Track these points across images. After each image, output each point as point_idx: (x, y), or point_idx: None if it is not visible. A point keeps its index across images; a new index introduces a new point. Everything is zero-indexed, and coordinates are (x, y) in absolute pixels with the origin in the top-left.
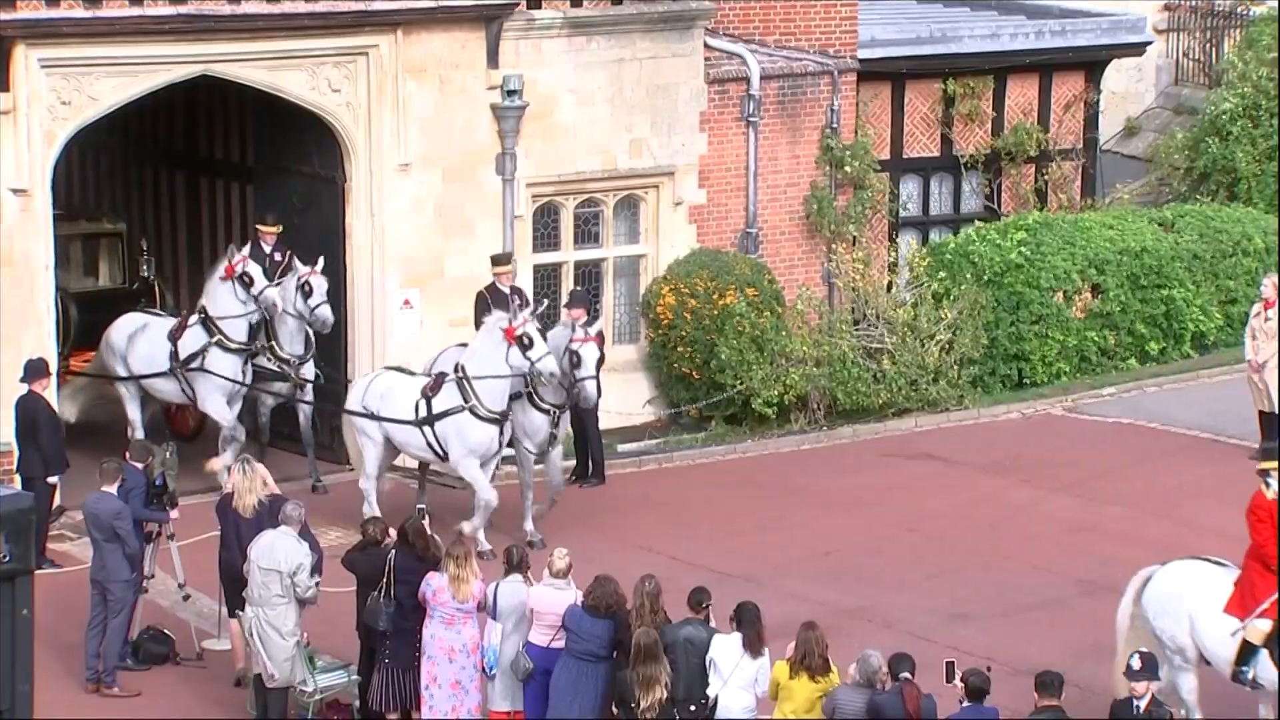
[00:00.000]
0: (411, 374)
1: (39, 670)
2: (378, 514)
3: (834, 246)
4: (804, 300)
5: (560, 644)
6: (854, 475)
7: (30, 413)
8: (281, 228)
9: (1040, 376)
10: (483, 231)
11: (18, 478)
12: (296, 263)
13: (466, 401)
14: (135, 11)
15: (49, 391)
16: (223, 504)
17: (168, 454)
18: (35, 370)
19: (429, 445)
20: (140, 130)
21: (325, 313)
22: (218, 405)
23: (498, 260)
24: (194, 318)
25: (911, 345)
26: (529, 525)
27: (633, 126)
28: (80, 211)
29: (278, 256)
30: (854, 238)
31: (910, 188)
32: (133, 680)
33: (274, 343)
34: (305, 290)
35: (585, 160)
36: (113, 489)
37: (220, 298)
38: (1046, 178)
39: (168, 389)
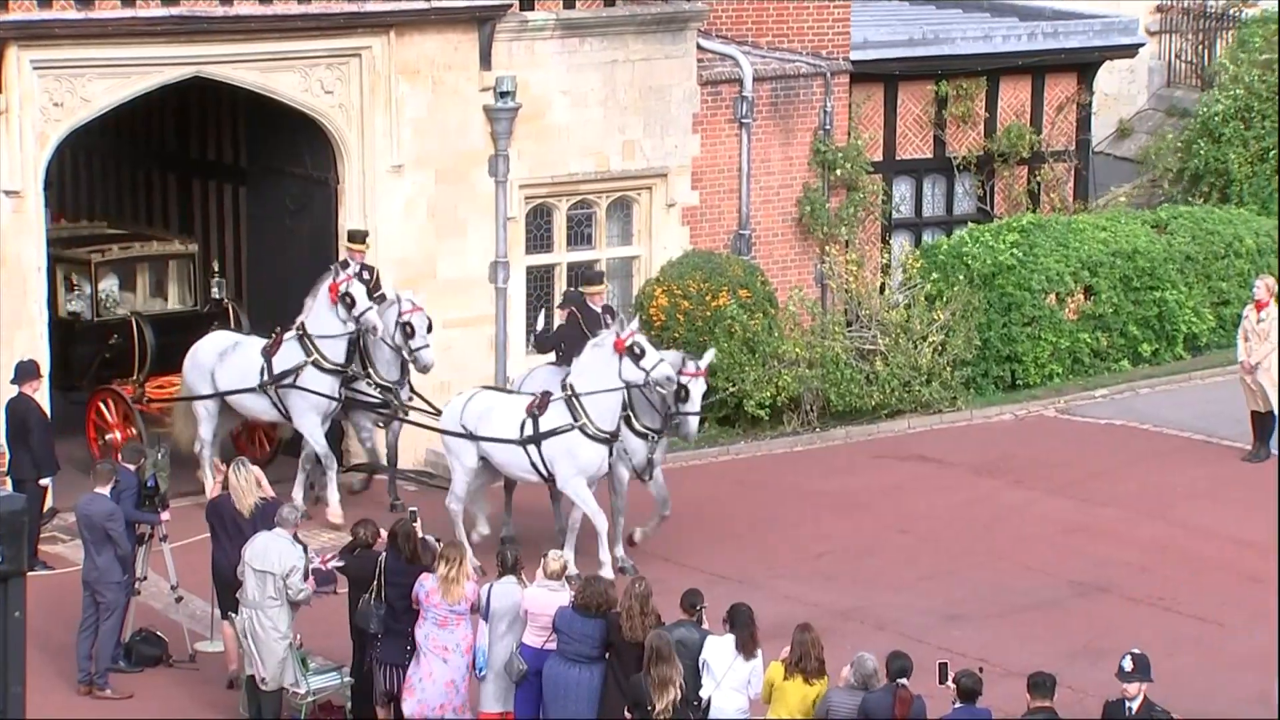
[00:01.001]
0: (509, 392)
1: (31, 672)
2: (464, 540)
3: (827, 248)
4: (796, 302)
5: (553, 645)
6: (847, 477)
7: (21, 415)
8: (369, 246)
9: (1033, 378)
10: (475, 233)
11: (9, 480)
12: (397, 295)
13: (576, 420)
14: (127, 13)
15: (39, 394)
16: (214, 506)
17: (159, 455)
18: (26, 372)
19: (533, 466)
20: (132, 131)
21: (427, 357)
22: (312, 424)
23: (589, 280)
24: (290, 334)
25: (904, 347)
26: (620, 551)
27: (625, 128)
28: (153, 233)
29: (365, 275)
30: (847, 239)
31: (903, 189)
32: (125, 682)
33: (370, 368)
34: (406, 330)
35: (578, 162)
36: (105, 490)
37: (321, 316)
38: (1039, 179)
39: (257, 406)
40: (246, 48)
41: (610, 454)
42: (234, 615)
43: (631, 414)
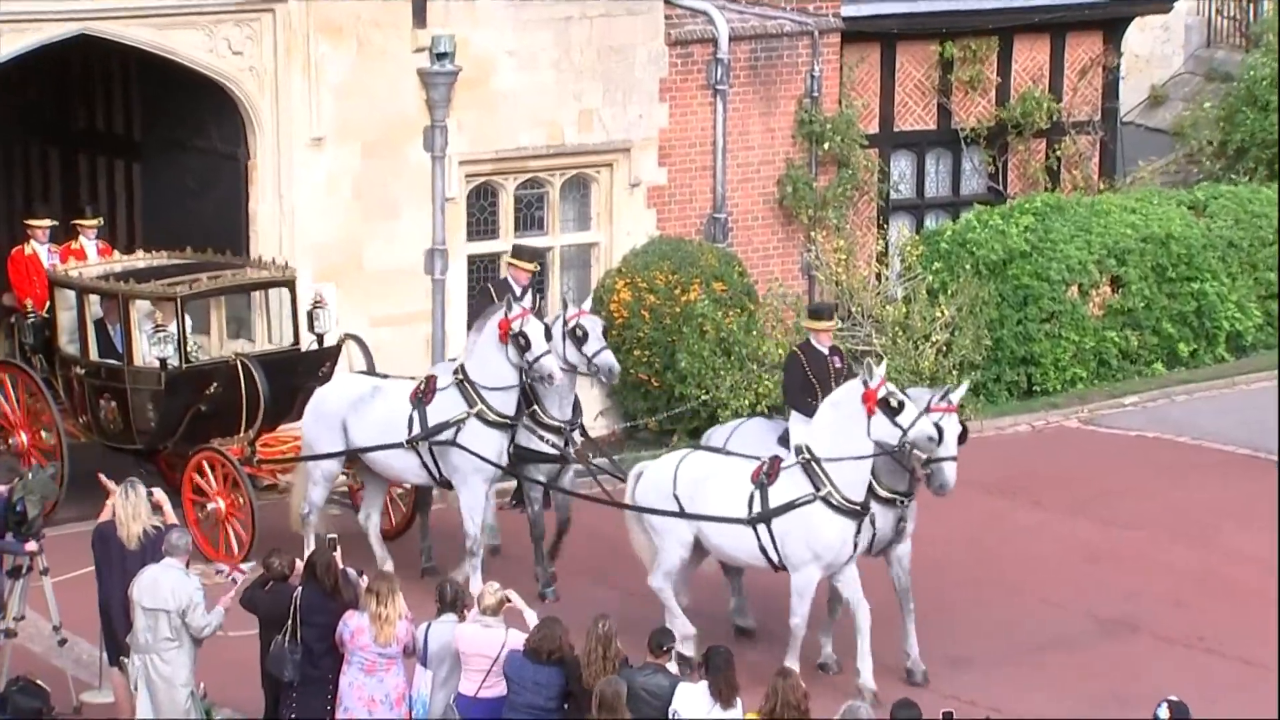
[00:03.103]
0: (727, 453)
1: None
2: (692, 631)
3: (813, 234)
4: (779, 296)
5: (491, 692)
6: None
7: None
8: (539, 266)
9: (1052, 383)
10: (409, 216)
11: None
12: (563, 299)
13: (819, 490)
14: None
15: None
16: (100, 534)
17: (30, 476)
18: None
19: (761, 549)
20: (4, 97)
21: (608, 360)
22: (474, 494)
23: (818, 314)
24: (448, 378)
25: (904, 347)
26: (867, 679)
27: (582, 95)
28: (227, 260)
29: (527, 301)
30: (836, 224)
31: (902, 166)
32: None
33: (536, 407)
34: (578, 335)
35: (527, 134)
36: None
37: (487, 360)
38: (1059, 154)
39: (401, 465)
40: (140, 1)
41: (857, 532)
42: (126, 660)
43: (871, 476)
